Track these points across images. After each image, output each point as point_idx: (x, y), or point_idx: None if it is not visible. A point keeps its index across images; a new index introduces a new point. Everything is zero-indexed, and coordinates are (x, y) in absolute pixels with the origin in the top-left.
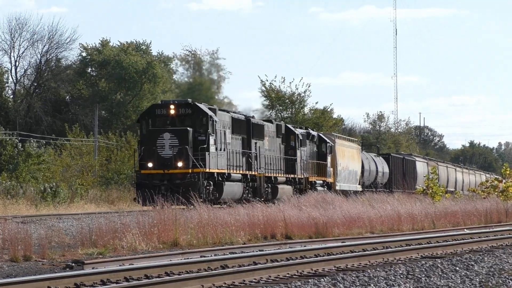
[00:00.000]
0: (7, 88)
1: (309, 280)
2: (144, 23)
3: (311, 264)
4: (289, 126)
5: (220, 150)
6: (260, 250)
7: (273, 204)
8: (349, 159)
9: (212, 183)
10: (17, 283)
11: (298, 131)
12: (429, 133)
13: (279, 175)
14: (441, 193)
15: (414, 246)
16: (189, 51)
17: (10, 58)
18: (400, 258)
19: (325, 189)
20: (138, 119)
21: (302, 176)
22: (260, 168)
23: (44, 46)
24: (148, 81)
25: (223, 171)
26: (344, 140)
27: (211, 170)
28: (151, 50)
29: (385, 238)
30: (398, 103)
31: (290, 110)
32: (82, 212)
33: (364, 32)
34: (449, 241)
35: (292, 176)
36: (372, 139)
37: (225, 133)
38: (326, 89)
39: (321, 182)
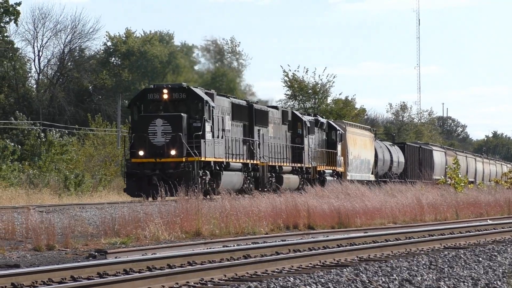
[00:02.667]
0: (30, 78)
1: (332, 270)
2: (163, 14)
3: (333, 254)
4: (296, 112)
5: (218, 137)
6: (282, 240)
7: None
8: (361, 148)
9: (208, 172)
10: (40, 272)
11: (306, 118)
12: (452, 123)
13: (285, 164)
14: (463, 184)
15: (437, 237)
16: (210, 41)
17: (33, 48)
18: (422, 248)
19: (335, 179)
20: (129, 104)
21: (310, 165)
22: (263, 157)
23: (67, 36)
24: (171, 72)
25: (220, 159)
26: (356, 127)
27: (207, 159)
28: (173, 41)
29: (407, 228)
30: (421, 94)
31: (313, 100)
32: (105, 201)
33: (384, 22)
34: (472, 232)
35: (299, 165)
36: (395, 130)
37: (223, 120)
38: (347, 80)
39: (331, 171)
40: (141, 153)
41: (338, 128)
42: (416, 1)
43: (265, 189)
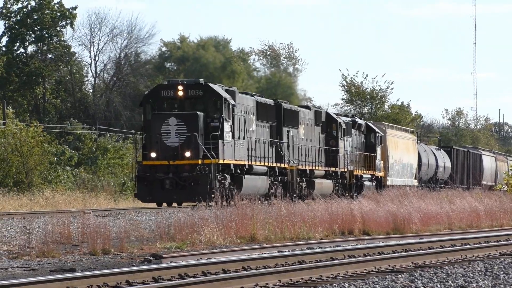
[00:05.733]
0: (87, 83)
1: (387, 276)
2: (217, 19)
3: (388, 260)
4: (331, 113)
5: (239, 138)
6: (337, 246)
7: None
8: (403, 151)
9: (228, 176)
10: (95, 276)
11: (342, 119)
12: (509, 129)
13: (317, 168)
14: None
15: (493, 243)
16: (267, 45)
17: (90, 52)
18: (478, 255)
19: (374, 184)
20: (141, 102)
21: (346, 170)
22: (292, 160)
23: (123, 41)
24: (227, 77)
25: (242, 162)
26: (397, 130)
27: (225, 161)
28: (231, 46)
29: (463, 235)
30: (477, 99)
31: (370, 105)
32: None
33: (440, 27)
34: None
35: (333, 169)
36: (452, 136)
37: (245, 119)
38: (403, 85)
39: (369, 176)
40: (153, 155)
41: (377, 130)
42: (472, 6)
43: (294, 195)
